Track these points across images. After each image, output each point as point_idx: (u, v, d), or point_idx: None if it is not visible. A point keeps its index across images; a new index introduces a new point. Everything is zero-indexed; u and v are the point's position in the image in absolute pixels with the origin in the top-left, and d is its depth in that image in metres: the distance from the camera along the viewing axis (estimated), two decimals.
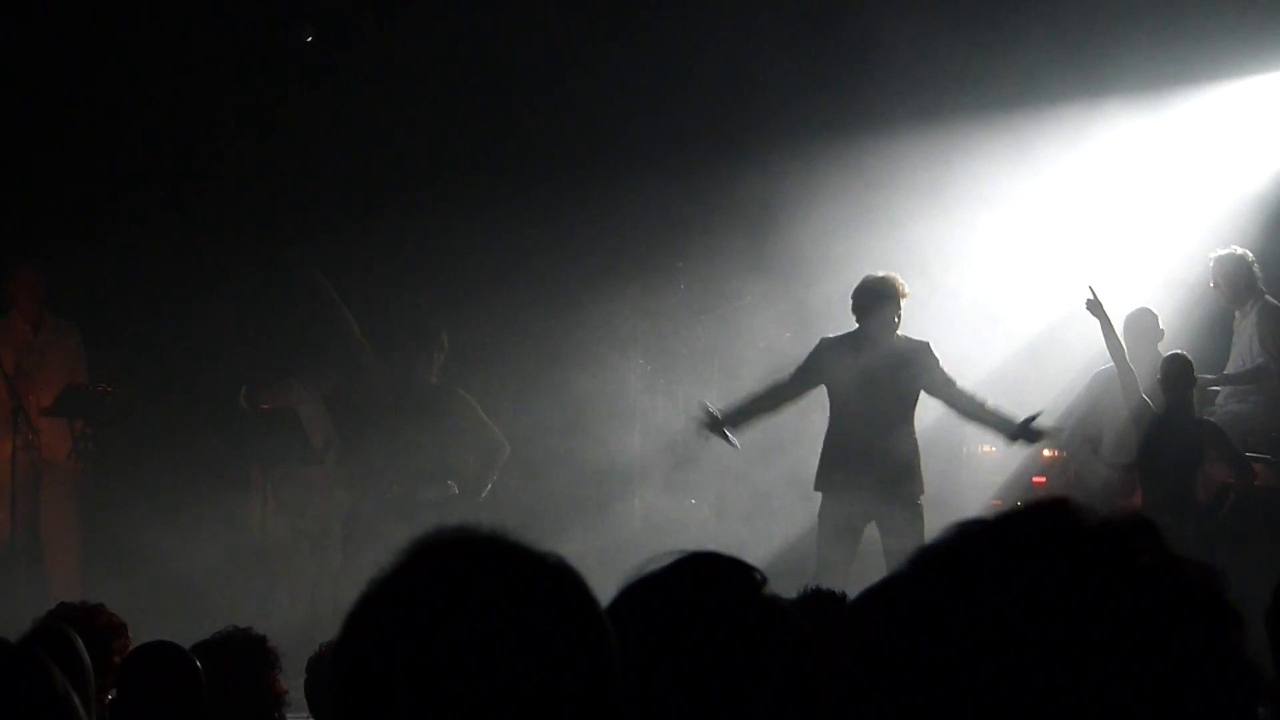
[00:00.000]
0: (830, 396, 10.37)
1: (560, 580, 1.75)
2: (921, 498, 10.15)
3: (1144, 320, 11.33)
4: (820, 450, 10.36)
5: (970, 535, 1.50)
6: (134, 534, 11.31)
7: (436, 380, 11.67)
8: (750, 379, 12.46)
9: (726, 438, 10.36)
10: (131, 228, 12.56)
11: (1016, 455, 10.53)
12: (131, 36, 12.53)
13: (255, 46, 12.74)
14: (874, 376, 10.14)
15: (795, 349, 12.27)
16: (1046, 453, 11.58)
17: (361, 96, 12.84)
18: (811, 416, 10.70)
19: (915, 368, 10.23)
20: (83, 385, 11.89)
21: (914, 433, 10.29)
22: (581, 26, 12.77)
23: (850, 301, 10.27)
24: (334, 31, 12.96)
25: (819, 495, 10.31)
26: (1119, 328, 10.96)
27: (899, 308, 10.20)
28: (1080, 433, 11.45)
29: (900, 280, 10.24)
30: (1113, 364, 10.86)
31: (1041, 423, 10.10)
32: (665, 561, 2.27)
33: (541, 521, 11.29)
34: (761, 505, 11.76)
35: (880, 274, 10.30)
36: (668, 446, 12.61)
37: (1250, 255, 11.45)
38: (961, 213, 12.15)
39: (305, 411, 11.83)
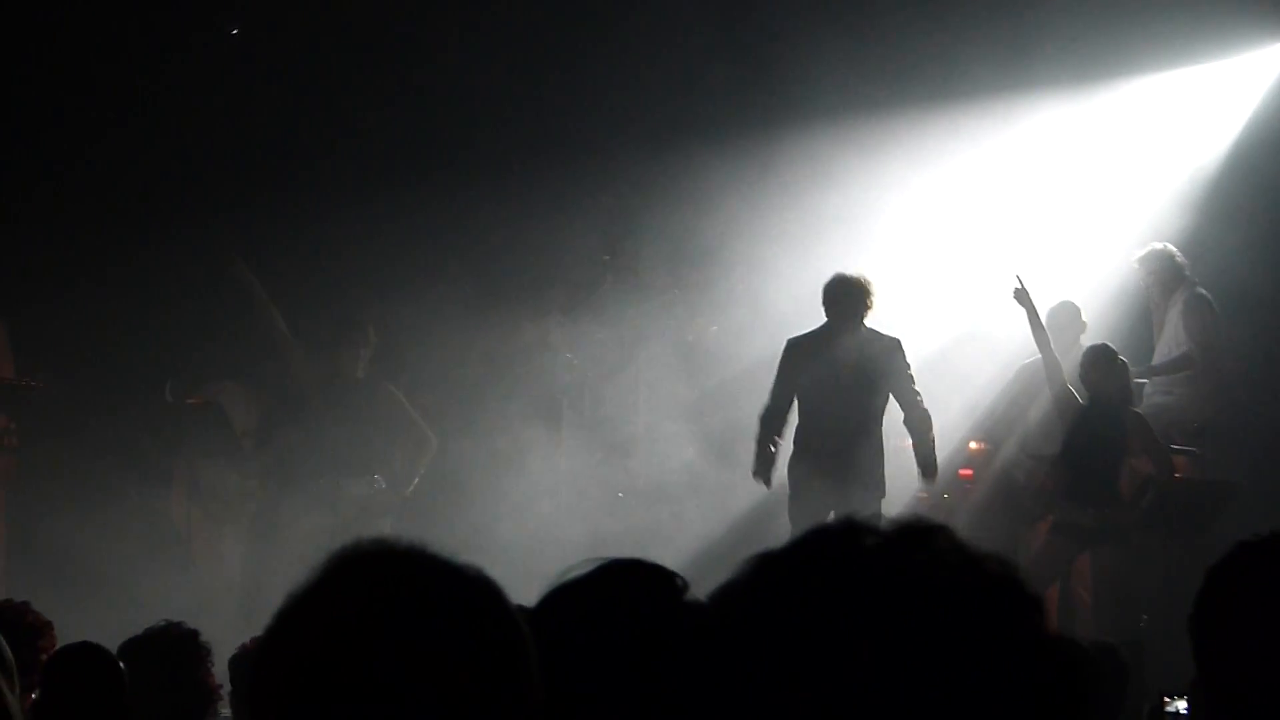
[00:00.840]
0: (799, 395, 10.39)
1: (480, 592, 1.76)
2: (882, 497, 10.23)
3: (1066, 313, 11.33)
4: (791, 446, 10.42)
5: (765, 565, 1.53)
6: (59, 529, 11.22)
7: (364, 375, 11.63)
8: (677, 370, 12.49)
9: (768, 484, 10.46)
10: (58, 222, 12.45)
11: (941, 449, 10.60)
12: (60, 31, 12.42)
13: (182, 39, 12.66)
14: (842, 374, 10.16)
15: (719, 340, 12.30)
16: (973, 445, 11.62)
17: (289, 92, 12.77)
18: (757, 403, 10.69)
19: (885, 367, 10.26)
20: (7, 379, 11.79)
21: (880, 431, 10.33)
22: (513, 26, 12.76)
23: (820, 297, 10.29)
24: (262, 26, 12.89)
25: (785, 491, 10.37)
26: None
27: (867, 313, 10.23)
28: (1005, 425, 11.50)
29: (871, 283, 10.25)
30: (1038, 357, 10.87)
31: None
32: (586, 569, 2.28)
33: (467, 517, 11.27)
34: (688, 494, 11.80)
35: (853, 274, 10.30)
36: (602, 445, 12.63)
37: (1172, 247, 11.54)
38: (886, 204, 12.20)
39: (231, 405, 11.77)
